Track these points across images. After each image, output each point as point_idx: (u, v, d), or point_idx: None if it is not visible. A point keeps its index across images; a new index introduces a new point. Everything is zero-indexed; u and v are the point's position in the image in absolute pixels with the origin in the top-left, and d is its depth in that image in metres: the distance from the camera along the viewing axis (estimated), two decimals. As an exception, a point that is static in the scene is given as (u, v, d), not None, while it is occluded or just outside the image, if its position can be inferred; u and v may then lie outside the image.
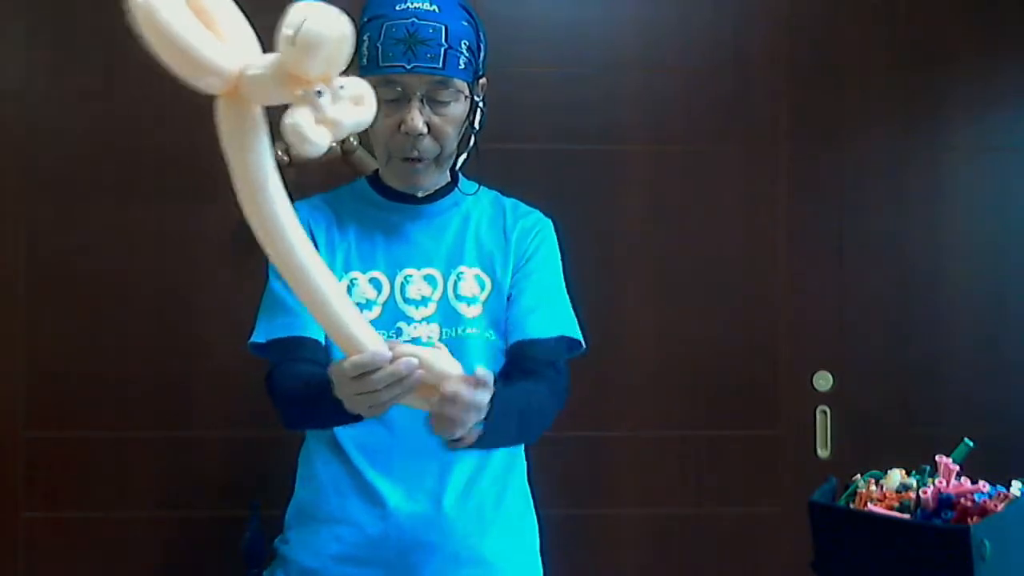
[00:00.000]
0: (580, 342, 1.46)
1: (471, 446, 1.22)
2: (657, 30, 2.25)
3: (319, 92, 0.88)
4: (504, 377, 1.39)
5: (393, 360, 1.05)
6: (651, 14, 2.25)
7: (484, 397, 1.12)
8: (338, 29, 0.87)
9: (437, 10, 1.33)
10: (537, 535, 1.52)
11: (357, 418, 1.18)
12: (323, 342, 1.36)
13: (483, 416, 1.14)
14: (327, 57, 0.87)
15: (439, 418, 1.11)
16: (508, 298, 1.43)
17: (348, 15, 0.91)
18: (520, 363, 1.40)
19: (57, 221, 2.14)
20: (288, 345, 1.36)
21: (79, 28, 2.15)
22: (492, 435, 1.22)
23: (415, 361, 1.06)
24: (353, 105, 0.92)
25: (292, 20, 0.86)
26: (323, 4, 0.87)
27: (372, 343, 1.05)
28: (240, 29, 0.93)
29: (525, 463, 1.52)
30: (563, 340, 1.44)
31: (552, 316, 1.44)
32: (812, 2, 2.27)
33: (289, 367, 1.33)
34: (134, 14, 0.88)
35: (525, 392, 1.35)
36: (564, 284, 1.49)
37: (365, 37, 1.35)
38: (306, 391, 1.24)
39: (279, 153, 1.98)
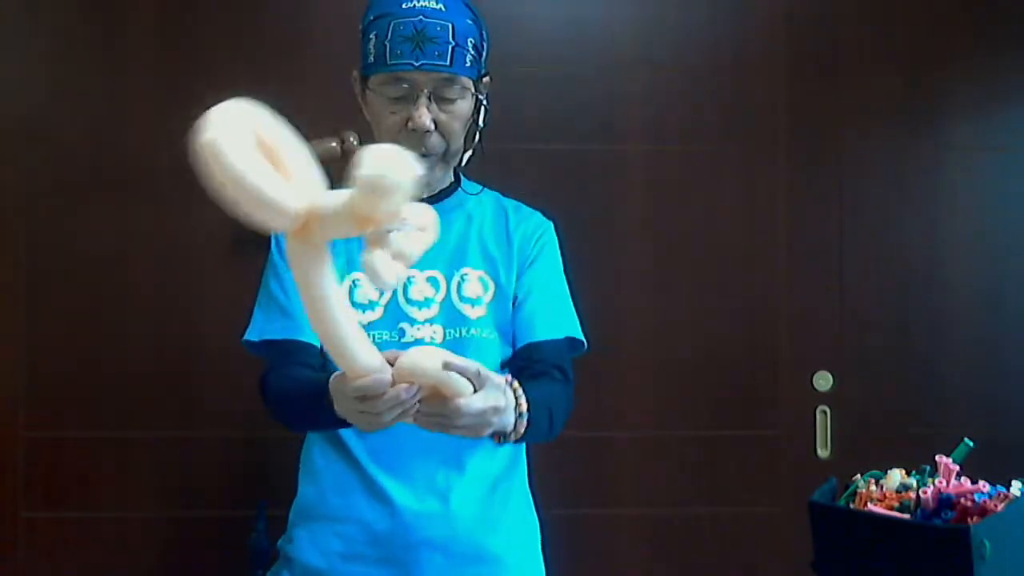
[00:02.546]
0: (583, 342, 1.48)
1: (514, 441, 1.27)
2: (657, 30, 2.25)
3: (389, 231, 0.92)
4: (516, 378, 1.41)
5: (395, 383, 1.06)
6: (651, 14, 2.25)
7: (479, 403, 1.12)
8: (411, 174, 0.90)
9: (443, 8, 1.34)
10: (539, 533, 1.52)
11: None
12: (320, 346, 1.36)
13: (496, 421, 1.17)
14: (399, 199, 0.91)
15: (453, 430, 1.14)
16: (514, 302, 1.44)
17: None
18: (530, 365, 1.41)
19: (57, 221, 2.14)
20: (285, 349, 1.36)
21: (79, 28, 2.15)
22: (530, 431, 1.27)
23: (415, 388, 1.07)
24: (419, 232, 0.96)
25: (369, 167, 0.89)
26: (392, 148, 0.91)
27: (373, 364, 1.05)
28: (304, 164, 0.94)
29: (526, 462, 1.52)
30: (569, 341, 1.46)
31: (559, 318, 1.46)
32: (811, 2, 2.27)
33: (285, 371, 1.34)
34: (200, 153, 0.87)
35: (546, 391, 1.36)
36: (567, 285, 1.50)
37: (371, 35, 1.36)
38: (302, 396, 1.25)
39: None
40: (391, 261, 0.93)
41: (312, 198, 0.93)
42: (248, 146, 0.88)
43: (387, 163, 0.89)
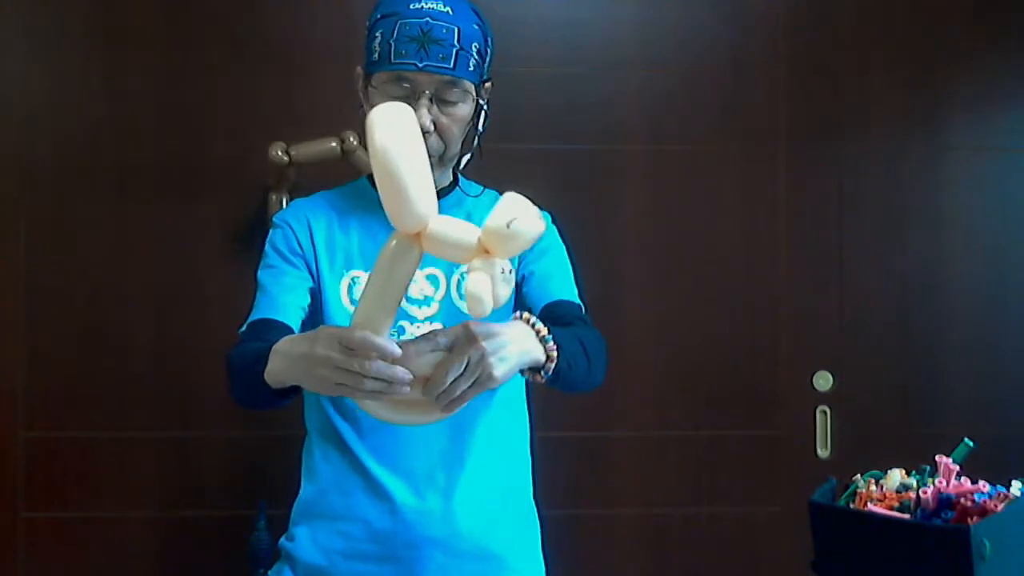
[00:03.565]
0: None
1: (554, 376, 1.22)
2: (657, 30, 2.25)
3: (502, 269, 1.04)
4: None
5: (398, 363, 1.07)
6: (651, 14, 2.25)
7: (460, 356, 1.10)
8: (539, 229, 1.04)
9: (450, 11, 1.35)
10: (539, 532, 1.52)
11: (284, 396, 1.21)
12: (296, 329, 1.36)
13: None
14: (521, 247, 1.04)
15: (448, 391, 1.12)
16: (520, 283, 1.44)
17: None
18: (556, 320, 1.38)
19: (57, 221, 2.14)
20: (258, 326, 1.36)
21: (79, 28, 2.15)
22: (566, 358, 1.23)
23: (409, 376, 1.07)
24: (506, 285, 1.06)
25: (507, 211, 1.02)
26: (530, 203, 1.04)
27: (386, 334, 1.10)
28: (429, 182, 1.04)
29: (529, 460, 1.52)
30: (582, 308, 1.45)
31: (570, 285, 1.47)
32: (811, 2, 2.27)
33: (249, 344, 1.33)
34: (373, 153, 1.01)
35: (573, 329, 1.34)
36: (571, 267, 1.50)
37: (377, 34, 1.36)
38: (253, 357, 1.23)
39: (278, 152, 2.00)
40: (490, 292, 1.03)
41: (431, 212, 1.04)
42: (410, 155, 1.00)
43: (524, 215, 1.02)
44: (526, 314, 1.23)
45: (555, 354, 1.21)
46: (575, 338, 1.30)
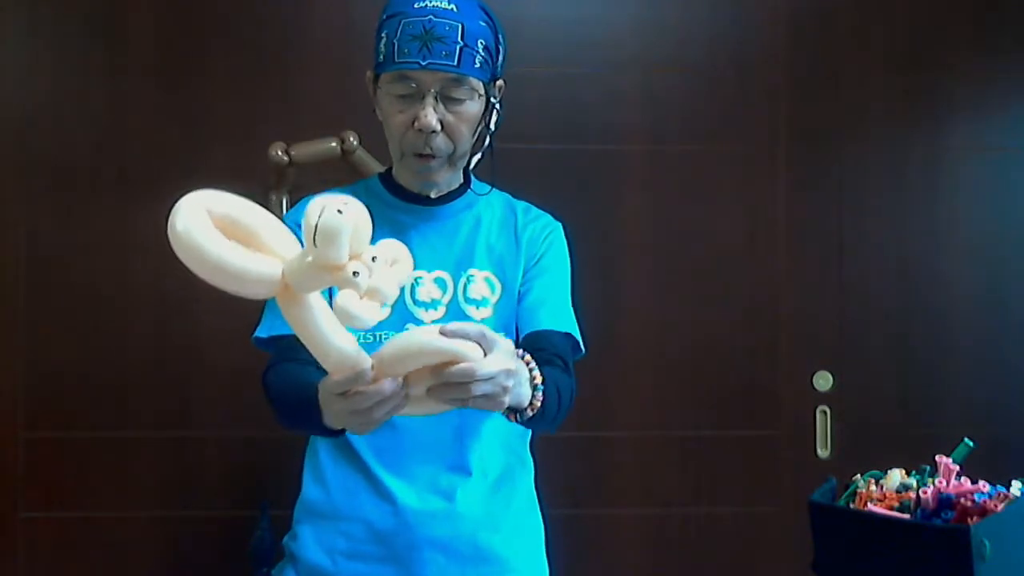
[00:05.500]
0: (580, 345, 1.46)
1: (530, 419, 1.20)
2: (657, 30, 2.25)
3: (355, 273, 0.94)
4: None
5: (379, 376, 1.01)
6: (651, 14, 2.25)
7: (497, 364, 1.04)
8: (351, 216, 0.92)
9: (455, 9, 1.34)
10: (543, 533, 1.52)
11: (341, 431, 1.17)
12: None
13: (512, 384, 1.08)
14: (345, 242, 0.93)
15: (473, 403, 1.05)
16: (518, 297, 1.43)
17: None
18: (533, 354, 1.38)
19: (57, 221, 2.14)
20: (289, 343, 1.35)
21: (79, 28, 2.15)
22: (542, 410, 1.21)
23: (399, 381, 1.02)
24: (390, 267, 0.98)
25: (309, 218, 0.92)
26: (335, 196, 0.93)
27: (355, 356, 1.02)
28: (274, 229, 0.97)
29: (532, 461, 1.52)
30: (570, 338, 1.44)
31: (561, 313, 1.45)
32: (811, 2, 2.27)
33: (286, 367, 1.32)
34: (175, 244, 0.96)
35: (552, 374, 1.31)
36: (570, 288, 1.49)
37: (383, 34, 1.35)
38: (297, 396, 1.21)
39: (278, 152, 2.00)
40: (363, 301, 0.95)
41: (286, 260, 0.96)
42: (215, 232, 0.95)
43: (320, 212, 0.91)
44: (527, 356, 1.21)
45: (539, 404, 1.20)
46: (554, 383, 1.27)
